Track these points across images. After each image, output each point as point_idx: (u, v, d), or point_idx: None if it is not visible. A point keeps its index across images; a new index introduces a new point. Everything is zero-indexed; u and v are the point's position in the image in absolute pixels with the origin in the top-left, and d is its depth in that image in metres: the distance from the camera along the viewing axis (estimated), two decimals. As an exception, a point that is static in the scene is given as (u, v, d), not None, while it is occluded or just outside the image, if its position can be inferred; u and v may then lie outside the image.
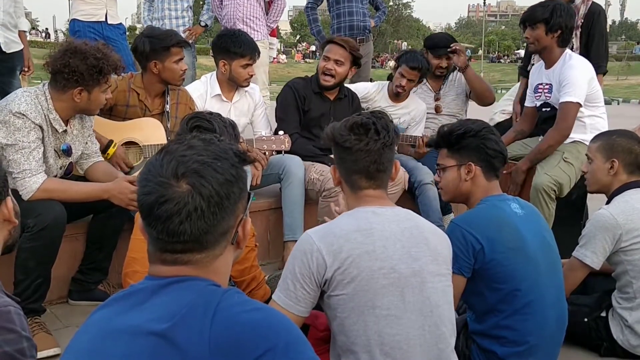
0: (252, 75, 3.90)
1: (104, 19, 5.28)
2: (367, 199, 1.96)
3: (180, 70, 3.47)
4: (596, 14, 4.17)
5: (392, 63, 4.61)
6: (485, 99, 4.54)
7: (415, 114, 4.36)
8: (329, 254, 1.80)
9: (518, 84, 4.82)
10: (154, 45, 3.40)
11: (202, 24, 6.12)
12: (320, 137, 2.13)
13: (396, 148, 2.13)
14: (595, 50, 4.18)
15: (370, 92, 4.36)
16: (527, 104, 4.00)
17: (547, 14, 3.65)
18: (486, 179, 2.38)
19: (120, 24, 5.50)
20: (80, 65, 2.70)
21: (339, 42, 3.99)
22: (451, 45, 4.40)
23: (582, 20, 4.19)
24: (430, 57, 4.49)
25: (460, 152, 2.39)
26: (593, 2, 4.23)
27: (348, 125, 1.95)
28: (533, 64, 4.46)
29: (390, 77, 4.54)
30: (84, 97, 2.78)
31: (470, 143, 2.36)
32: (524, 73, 4.71)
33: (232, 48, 3.79)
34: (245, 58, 3.80)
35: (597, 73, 3.87)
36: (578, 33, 4.19)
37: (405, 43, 58.27)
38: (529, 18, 3.75)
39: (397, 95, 4.31)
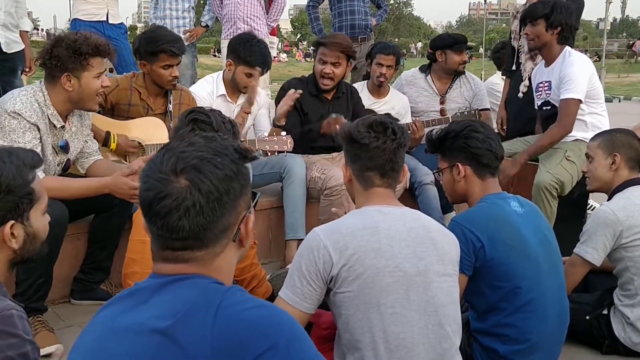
0: (254, 86, 3.85)
1: (105, 19, 5.28)
2: (375, 197, 1.98)
3: (169, 77, 3.42)
4: (576, 10, 4.17)
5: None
6: None
7: (399, 109, 4.39)
8: (335, 251, 1.82)
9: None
10: (142, 46, 3.40)
11: (203, 24, 6.12)
12: (338, 134, 2.16)
13: None
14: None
15: None
16: (536, 106, 4.00)
17: (547, 10, 3.66)
18: (479, 178, 2.39)
19: (122, 23, 5.50)
20: (61, 51, 2.70)
21: (331, 45, 3.91)
22: None
23: None
24: (451, 54, 4.50)
25: (447, 154, 2.44)
26: None
27: (366, 123, 1.99)
28: (520, 62, 4.47)
29: (366, 77, 4.56)
30: (75, 85, 2.76)
31: (454, 144, 2.40)
32: (507, 73, 4.70)
33: (241, 53, 3.73)
34: (251, 68, 3.74)
35: None
36: None
37: (420, 44, 57.93)
38: (530, 14, 3.76)
39: (380, 87, 4.38)
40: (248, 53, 3.72)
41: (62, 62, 2.71)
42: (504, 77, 4.82)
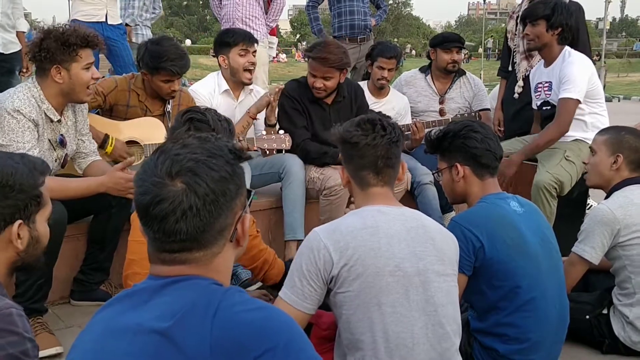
0: (253, 64, 3.84)
1: (104, 19, 5.29)
2: (374, 197, 1.98)
3: (168, 90, 3.43)
4: (576, 10, 4.19)
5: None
6: None
7: (400, 109, 4.39)
8: (335, 251, 1.82)
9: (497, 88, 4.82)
10: (145, 58, 3.40)
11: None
12: (329, 137, 2.15)
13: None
14: (582, 45, 4.21)
15: None
16: (534, 106, 4.00)
17: (548, 10, 3.66)
18: (478, 178, 2.39)
19: (121, 24, 5.52)
20: (50, 43, 2.71)
21: (319, 61, 3.75)
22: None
23: None
24: (440, 53, 4.52)
25: (446, 154, 2.44)
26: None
27: (355, 122, 2.01)
28: (515, 62, 4.47)
29: (366, 77, 4.54)
30: (65, 77, 2.76)
31: (452, 144, 2.39)
32: (503, 74, 4.69)
33: (224, 39, 3.83)
34: (239, 45, 3.79)
35: None
36: None
37: (413, 48, 58.02)
38: (530, 14, 3.75)
39: (381, 89, 4.37)
40: (230, 35, 3.82)
41: (52, 54, 2.71)
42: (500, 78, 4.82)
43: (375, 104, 4.32)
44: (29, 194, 1.62)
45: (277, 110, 3.85)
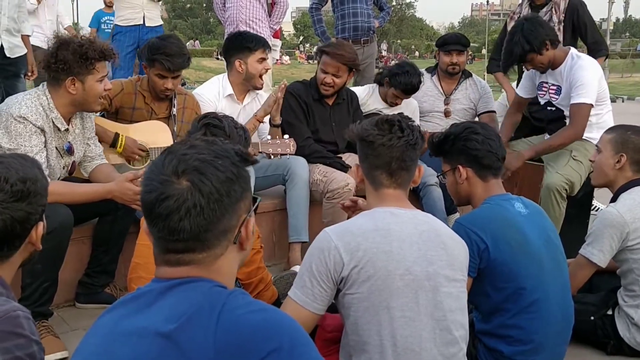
0: (267, 70, 3.90)
1: (141, 22, 5.43)
2: (387, 198, 1.97)
3: (161, 86, 3.45)
4: (579, 5, 4.20)
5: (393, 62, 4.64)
6: None
7: (408, 113, 4.37)
8: (346, 252, 1.81)
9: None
10: (145, 50, 3.43)
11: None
12: (345, 134, 2.15)
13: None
14: (591, 37, 4.23)
15: (362, 96, 4.37)
16: (520, 93, 3.98)
17: (526, 46, 3.48)
18: (481, 179, 2.39)
19: (160, 25, 5.65)
20: (67, 54, 2.71)
21: (334, 56, 3.88)
22: None
23: (564, 15, 4.23)
24: (441, 55, 4.58)
25: (449, 157, 2.44)
26: None
27: (374, 122, 1.99)
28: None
29: (379, 82, 4.47)
30: (79, 88, 2.77)
31: (454, 147, 2.40)
32: (495, 69, 4.59)
33: (246, 43, 3.81)
34: (259, 51, 3.81)
35: (600, 57, 3.96)
36: (561, 27, 4.21)
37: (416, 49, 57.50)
38: (519, 60, 3.61)
39: (391, 105, 4.38)
40: (251, 40, 3.82)
41: (69, 66, 2.72)
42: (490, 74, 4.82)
43: (384, 108, 4.34)
44: (45, 196, 1.66)
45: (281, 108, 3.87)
